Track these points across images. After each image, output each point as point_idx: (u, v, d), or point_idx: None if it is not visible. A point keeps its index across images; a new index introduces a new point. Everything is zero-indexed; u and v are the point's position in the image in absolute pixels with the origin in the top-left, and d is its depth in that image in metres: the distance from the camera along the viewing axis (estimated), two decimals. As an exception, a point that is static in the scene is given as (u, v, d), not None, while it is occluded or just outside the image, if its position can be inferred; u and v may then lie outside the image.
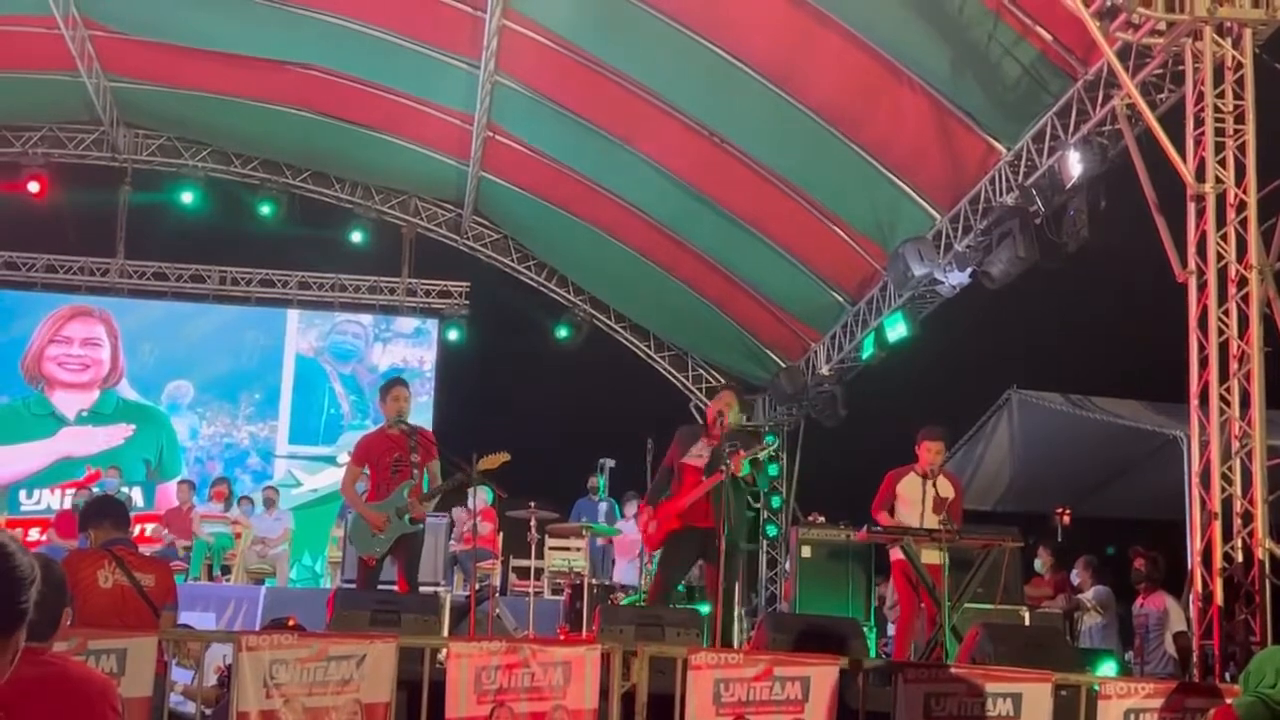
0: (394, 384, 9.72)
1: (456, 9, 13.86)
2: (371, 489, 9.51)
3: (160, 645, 6.49)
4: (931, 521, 9.28)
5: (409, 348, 20.49)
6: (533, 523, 11.24)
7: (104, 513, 7.35)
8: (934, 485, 9.67)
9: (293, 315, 20.32)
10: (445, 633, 8.15)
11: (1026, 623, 10.62)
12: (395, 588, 9.36)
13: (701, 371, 20.02)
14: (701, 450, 9.38)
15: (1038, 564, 13.85)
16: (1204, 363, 9.07)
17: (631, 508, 14.90)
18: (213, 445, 19.86)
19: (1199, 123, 9.28)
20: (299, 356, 20.16)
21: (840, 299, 16.26)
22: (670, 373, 20.03)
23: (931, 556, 9.09)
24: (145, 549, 10.00)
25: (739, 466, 8.99)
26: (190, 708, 7.63)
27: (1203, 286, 9.14)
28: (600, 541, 14.83)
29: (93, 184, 19.21)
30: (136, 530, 13.31)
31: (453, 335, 20.29)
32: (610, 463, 16.29)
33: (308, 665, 6.35)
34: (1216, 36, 9.31)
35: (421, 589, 9.51)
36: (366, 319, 20.56)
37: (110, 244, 19.74)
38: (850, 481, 11.70)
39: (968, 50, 11.51)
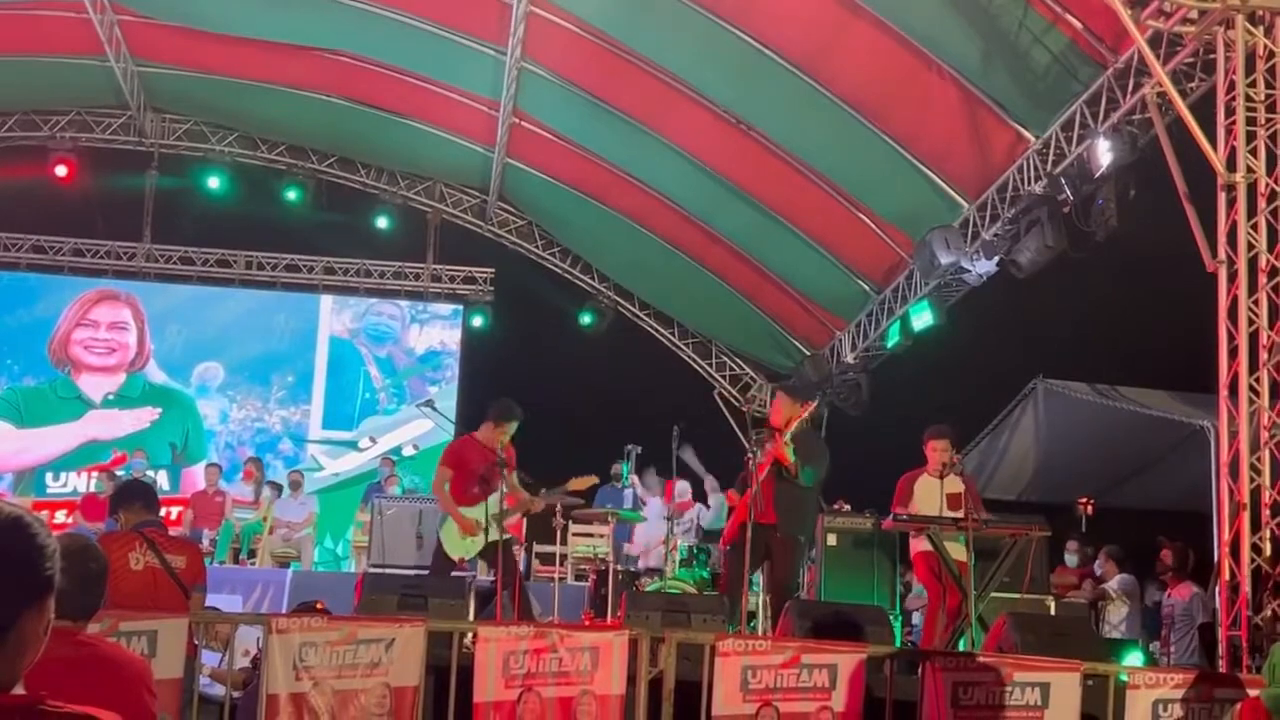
0: (517, 418, 9.72)
1: (484, -5, 13.88)
2: (455, 491, 9.65)
3: (190, 627, 6.52)
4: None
5: (445, 329, 20.52)
6: (557, 508, 11.25)
7: (135, 495, 7.39)
8: (945, 483, 9.67)
9: (326, 296, 20.38)
10: (471, 617, 8.16)
11: (1053, 612, 10.58)
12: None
13: (725, 359, 20.03)
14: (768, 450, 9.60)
15: (1069, 559, 13.80)
16: (1233, 353, 9.05)
17: (652, 481, 14.81)
18: (243, 430, 19.91)
19: (1230, 112, 9.26)
20: (333, 338, 20.20)
21: (866, 287, 16.24)
22: (694, 360, 20.04)
23: (957, 551, 9.07)
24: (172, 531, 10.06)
25: (780, 449, 9.40)
26: (218, 690, 7.66)
27: (1233, 276, 9.11)
28: (628, 549, 14.76)
29: (120, 168, 19.29)
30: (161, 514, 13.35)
31: (477, 321, 20.32)
32: (637, 449, 16.26)
33: (337, 648, 6.37)
34: (1248, 25, 9.27)
35: (454, 574, 9.59)
36: (403, 300, 20.60)
37: (137, 228, 19.80)
38: (875, 470, 11.63)
39: (997, 38, 11.48)
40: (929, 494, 9.66)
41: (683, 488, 14.05)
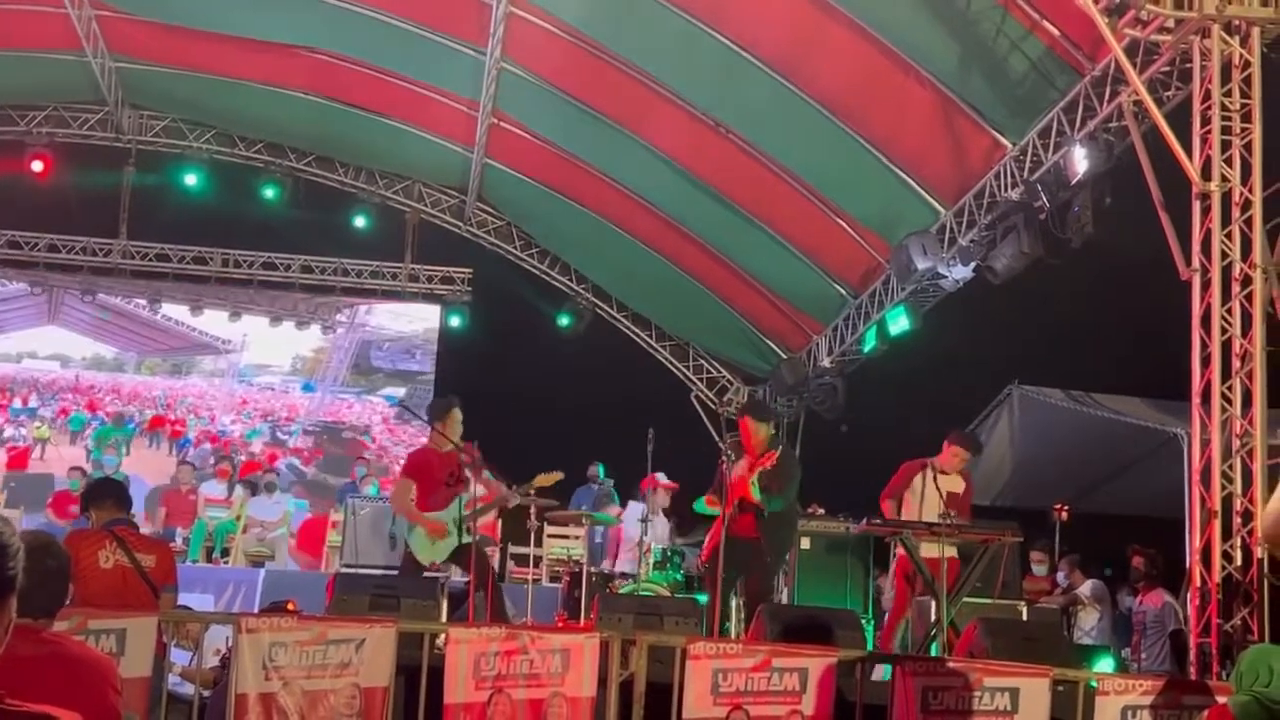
0: (453, 407, 9.72)
1: (463, -5, 13.85)
2: (420, 499, 9.62)
3: (160, 626, 6.50)
4: (934, 516, 9.30)
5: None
6: (532, 510, 11.24)
7: (106, 493, 7.38)
8: (947, 479, 9.72)
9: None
10: (444, 618, 8.14)
11: (1024, 618, 10.61)
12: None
13: (703, 361, 20.04)
14: (744, 467, 9.59)
15: (1037, 569, 13.81)
16: (1206, 361, 9.07)
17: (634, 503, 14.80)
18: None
19: (1206, 121, 9.28)
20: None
21: (843, 291, 16.26)
22: (671, 362, 20.04)
23: (930, 550, 9.10)
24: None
25: (746, 488, 9.39)
26: (188, 689, 7.64)
27: (1207, 285, 9.15)
28: (606, 564, 14.74)
29: (96, 164, 19.15)
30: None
31: (455, 321, 20.28)
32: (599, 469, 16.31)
33: (307, 648, 6.36)
34: (1225, 34, 9.30)
35: (427, 575, 9.57)
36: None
37: (113, 225, 19.65)
38: (850, 474, 11.68)
39: (975, 44, 11.50)
40: (923, 485, 9.71)
41: (661, 476, 14.05)
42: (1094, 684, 6.92)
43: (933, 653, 8.60)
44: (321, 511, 16.98)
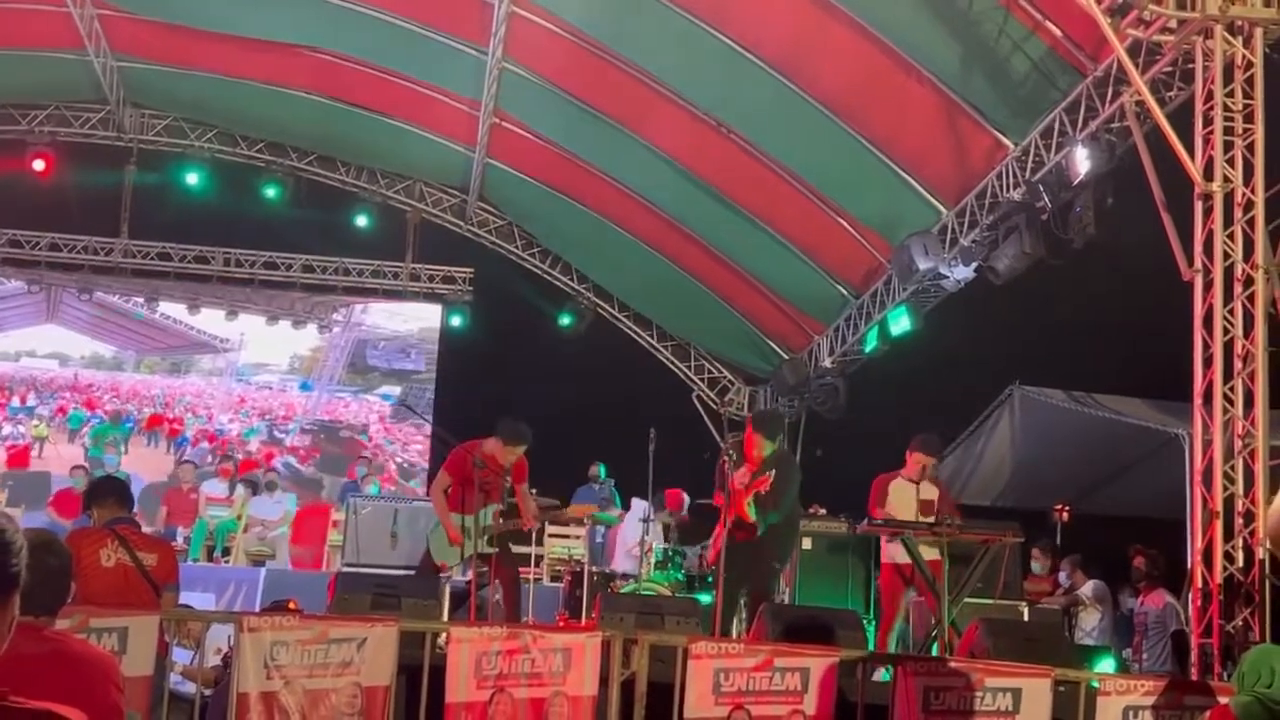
0: (521, 440, 9.69)
1: (465, -5, 13.85)
2: (453, 499, 9.67)
3: (161, 625, 6.49)
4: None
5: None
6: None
7: (108, 492, 7.37)
8: (919, 488, 9.71)
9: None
10: (445, 617, 8.14)
11: (1025, 618, 10.61)
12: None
13: (704, 362, 20.04)
14: (744, 477, 9.51)
15: (1035, 567, 13.80)
16: (1208, 362, 9.06)
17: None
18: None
19: (1208, 121, 9.27)
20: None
21: (844, 291, 16.25)
22: (672, 362, 20.04)
23: (930, 553, 9.10)
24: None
25: (743, 508, 9.40)
26: (190, 688, 7.64)
27: (1209, 285, 9.13)
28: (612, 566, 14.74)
29: (98, 163, 19.15)
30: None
31: (456, 321, 20.28)
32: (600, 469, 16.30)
33: (309, 647, 6.35)
34: (1227, 35, 9.29)
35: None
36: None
37: (114, 224, 19.65)
38: (851, 474, 11.64)
39: (977, 44, 11.49)
40: (903, 499, 9.70)
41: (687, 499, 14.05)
42: (1095, 684, 6.92)
43: (933, 653, 8.60)
44: (308, 503, 16.98)
